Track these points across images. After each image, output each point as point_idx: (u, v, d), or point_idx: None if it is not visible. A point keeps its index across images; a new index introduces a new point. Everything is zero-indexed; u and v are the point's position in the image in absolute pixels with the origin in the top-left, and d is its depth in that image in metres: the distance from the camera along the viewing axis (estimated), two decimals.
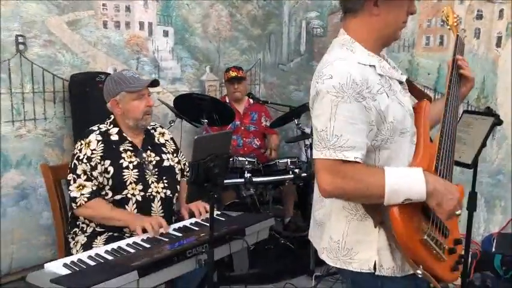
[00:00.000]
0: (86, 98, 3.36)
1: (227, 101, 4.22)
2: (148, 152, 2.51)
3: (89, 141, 2.38)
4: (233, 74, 4.11)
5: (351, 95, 1.35)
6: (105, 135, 2.43)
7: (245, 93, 4.19)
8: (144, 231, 2.18)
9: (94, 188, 2.35)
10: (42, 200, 3.40)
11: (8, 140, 3.24)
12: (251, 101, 4.27)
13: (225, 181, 3.24)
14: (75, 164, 2.35)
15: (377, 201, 1.35)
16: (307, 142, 3.68)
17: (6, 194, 3.26)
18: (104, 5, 3.67)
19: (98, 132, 2.42)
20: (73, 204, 2.34)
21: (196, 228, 2.25)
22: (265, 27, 4.95)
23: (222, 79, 4.60)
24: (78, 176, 2.34)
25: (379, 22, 1.47)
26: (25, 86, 3.29)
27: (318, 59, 4.79)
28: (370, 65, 1.45)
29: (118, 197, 2.38)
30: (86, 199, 2.32)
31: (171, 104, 3.76)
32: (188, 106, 3.50)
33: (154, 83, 2.50)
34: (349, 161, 1.35)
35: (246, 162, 3.38)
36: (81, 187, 2.33)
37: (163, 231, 2.21)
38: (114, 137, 2.44)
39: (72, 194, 2.34)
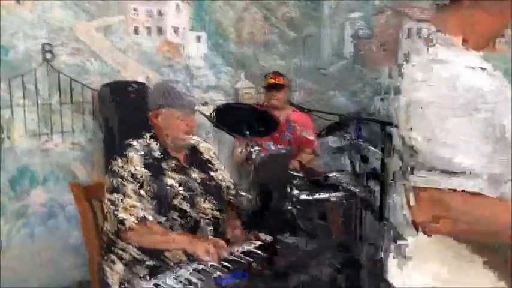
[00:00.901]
0: (116, 109, 3.13)
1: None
2: (194, 168, 2.27)
3: (131, 158, 2.14)
4: (271, 80, 3.82)
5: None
6: (146, 150, 2.20)
7: (284, 101, 3.89)
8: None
9: (144, 208, 2.09)
10: (71, 219, 3.19)
11: (35, 155, 3.03)
12: (293, 109, 3.97)
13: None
14: (119, 182, 2.11)
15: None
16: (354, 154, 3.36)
17: (33, 212, 3.06)
18: (135, 9, 3.45)
19: (138, 146, 2.19)
20: (121, 227, 2.08)
21: (249, 259, 1.95)
22: (302, 30, 4.66)
23: (259, 86, 4.33)
24: (126, 196, 2.09)
25: None
26: (52, 97, 3.09)
27: (363, 62, 4.59)
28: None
29: (162, 219, 2.13)
30: (136, 221, 2.06)
31: (207, 114, 3.50)
32: (227, 116, 3.23)
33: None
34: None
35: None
36: (130, 208, 2.07)
37: (225, 255, 1.97)
38: (156, 153, 2.21)
39: (120, 216, 2.07)
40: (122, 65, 3.42)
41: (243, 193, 2.32)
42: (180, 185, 2.17)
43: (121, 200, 2.09)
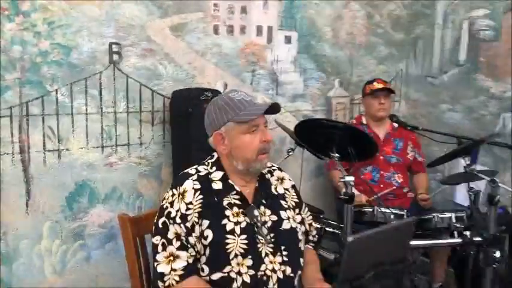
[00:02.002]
0: (188, 120, 2.69)
1: (363, 121, 3.31)
2: (262, 208, 1.77)
3: (184, 191, 1.70)
4: (379, 85, 3.20)
5: None
6: (205, 182, 1.73)
7: (389, 112, 3.25)
8: None
9: (190, 260, 1.65)
10: None
11: (96, 169, 2.68)
12: (395, 124, 3.31)
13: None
14: (165, 223, 1.68)
15: None
16: (475, 186, 2.63)
17: (91, 234, 2.71)
18: (215, 5, 2.99)
19: (195, 177, 1.73)
20: (159, 283, 1.64)
21: None
22: (411, 31, 3.95)
23: (354, 95, 3.72)
24: (169, 242, 1.66)
25: None
26: (118, 105, 2.72)
27: (484, 70, 3.77)
28: None
29: (217, 275, 1.66)
30: (177, 278, 1.63)
31: (291, 128, 2.96)
32: (313, 133, 2.67)
33: (274, 108, 1.72)
34: None
35: (392, 216, 2.44)
36: (172, 258, 1.64)
37: None
38: (217, 185, 1.74)
39: (160, 268, 1.65)
40: (199, 70, 2.98)
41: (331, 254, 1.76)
42: (242, 232, 1.68)
43: (163, 245, 1.64)
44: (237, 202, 1.72)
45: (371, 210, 2.54)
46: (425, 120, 3.84)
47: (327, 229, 2.66)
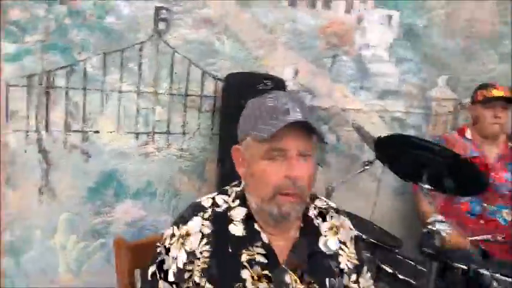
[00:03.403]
0: (239, 114, 2.14)
1: (467, 135, 2.56)
2: (299, 272, 1.17)
3: (187, 233, 1.16)
4: (498, 92, 2.44)
5: None
6: (221, 222, 1.18)
7: (506, 129, 2.48)
8: None
9: None
10: None
11: (128, 159, 2.25)
12: (511, 144, 2.52)
13: None
14: (154, 274, 1.17)
15: None
16: None
17: (116, 233, 2.29)
18: None
19: (208, 214, 1.18)
20: None
21: None
22: None
23: (463, 99, 2.93)
24: None
25: None
26: (160, 84, 2.24)
27: None
28: None
29: None
30: None
31: (374, 134, 2.32)
32: (399, 150, 2.00)
33: (310, 128, 1.12)
34: None
35: (495, 284, 1.72)
36: None
37: None
38: (236, 229, 1.18)
39: None
40: (264, 49, 2.40)
41: None
42: None
43: None
44: (262, 259, 1.15)
45: (465, 267, 1.85)
46: None
47: (400, 276, 2.06)
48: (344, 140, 2.71)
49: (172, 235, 1.16)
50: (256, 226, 1.17)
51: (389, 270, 2.17)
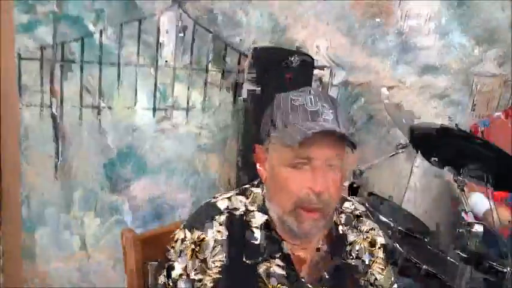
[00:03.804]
0: (262, 92, 2.00)
1: None
2: (322, 286, 1.06)
3: (200, 239, 1.06)
4: None
5: None
6: (238, 228, 1.07)
7: None
8: None
9: None
10: None
11: (145, 135, 2.15)
12: None
13: None
14: (164, 285, 1.08)
15: None
16: None
17: (131, 210, 2.24)
18: None
19: (224, 218, 1.07)
20: None
21: None
22: None
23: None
24: None
25: None
26: (179, 57, 2.10)
27: None
28: None
29: None
30: None
31: (410, 116, 2.15)
32: (439, 141, 1.83)
33: (343, 138, 0.99)
34: None
35: None
36: None
37: None
38: (254, 236, 1.07)
39: None
40: (293, 19, 2.21)
41: None
42: None
43: None
44: (280, 272, 1.04)
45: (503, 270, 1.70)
46: None
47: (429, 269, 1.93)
48: (377, 119, 2.53)
49: (184, 239, 1.07)
50: (275, 234, 1.06)
51: (418, 265, 2.04)
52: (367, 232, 1.16)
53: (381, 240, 1.17)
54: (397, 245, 2.01)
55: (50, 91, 1.96)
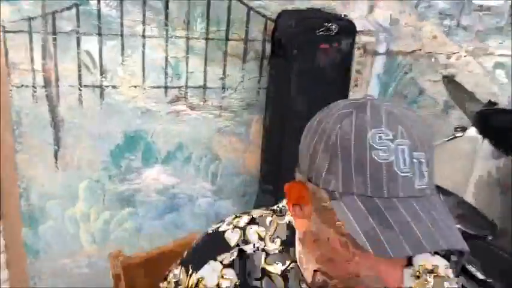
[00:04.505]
0: (290, 66, 1.65)
1: None
2: None
3: (197, 284, 0.78)
4: None
5: None
6: (248, 272, 0.79)
7: None
8: None
9: None
10: (201, 217, 2.05)
11: (156, 118, 1.86)
12: None
13: None
14: None
15: None
16: None
17: (145, 201, 1.98)
18: None
19: (233, 257, 0.80)
20: None
21: None
22: None
23: None
24: None
25: None
26: (193, 26, 1.76)
27: None
28: None
29: None
30: None
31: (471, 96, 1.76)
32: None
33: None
34: None
35: None
36: None
37: None
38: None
39: None
40: None
41: None
42: None
43: None
44: None
45: None
46: None
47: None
48: (430, 93, 2.15)
49: (178, 282, 0.79)
50: (299, 281, 0.76)
51: (477, 274, 1.71)
52: (430, 272, 0.85)
53: (450, 282, 0.86)
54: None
55: (43, 69, 1.68)
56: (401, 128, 0.61)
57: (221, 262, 0.78)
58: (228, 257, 0.78)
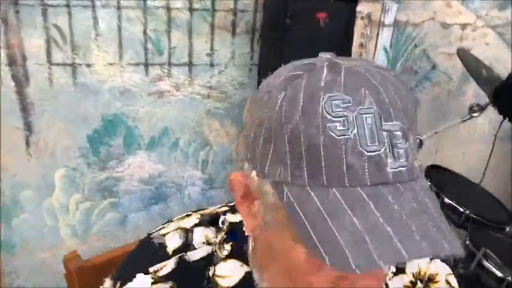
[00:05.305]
0: (283, 38, 1.46)
1: None
2: None
3: None
4: None
5: None
6: (196, 281, 0.61)
7: None
8: None
9: None
10: (192, 206, 1.89)
11: (136, 99, 1.68)
12: None
13: None
14: None
15: None
16: None
17: (129, 190, 1.82)
18: None
19: (170, 268, 0.62)
20: None
21: None
22: None
23: None
24: None
25: None
26: None
27: None
28: None
29: None
30: None
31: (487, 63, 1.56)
32: None
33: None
34: None
35: None
36: None
37: None
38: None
39: None
40: None
41: None
42: None
43: None
44: None
45: None
46: None
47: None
48: (442, 68, 1.94)
49: None
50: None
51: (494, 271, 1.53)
52: (427, 277, 0.69)
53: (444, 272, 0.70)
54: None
55: (7, 46, 1.50)
56: (365, 90, 0.45)
57: (152, 275, 0.61)
58: (164, 268, 0.61)
